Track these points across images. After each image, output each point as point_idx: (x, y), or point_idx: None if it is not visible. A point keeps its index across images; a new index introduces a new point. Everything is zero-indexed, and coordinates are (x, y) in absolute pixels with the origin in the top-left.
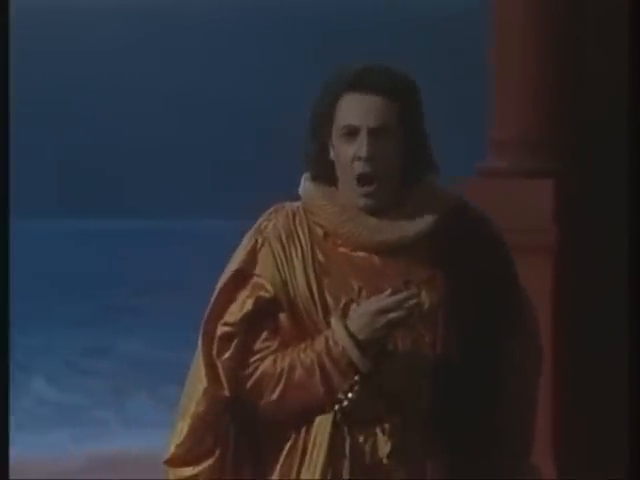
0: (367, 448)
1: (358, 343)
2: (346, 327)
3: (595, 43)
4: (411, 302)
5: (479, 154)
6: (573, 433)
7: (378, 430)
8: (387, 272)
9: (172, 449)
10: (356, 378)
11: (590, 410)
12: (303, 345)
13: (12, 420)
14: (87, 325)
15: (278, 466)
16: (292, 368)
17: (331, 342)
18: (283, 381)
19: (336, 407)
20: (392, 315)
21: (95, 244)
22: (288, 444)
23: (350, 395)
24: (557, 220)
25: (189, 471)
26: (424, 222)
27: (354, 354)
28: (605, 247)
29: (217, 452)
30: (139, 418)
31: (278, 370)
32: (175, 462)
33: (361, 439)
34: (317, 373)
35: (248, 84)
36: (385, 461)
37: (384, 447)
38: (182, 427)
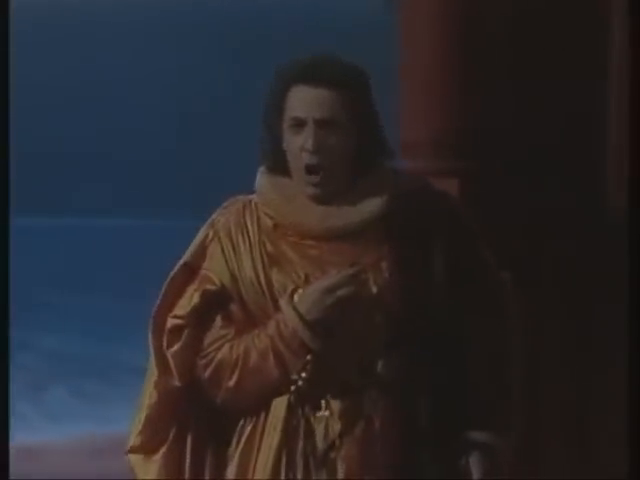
0: (320, 429)
1: (307, 323)
2: (295, 308)
3: (505, 43)
4: (358, 278)
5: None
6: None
7: (329, 412)
8: (335, 259)
9: (132, 438)
10: (308, 357)
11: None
12: (257, 330)
13: None
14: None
15: (239, 450)
16: (247, 353)
17: (282, 325)
18: (239, 367)
19: (292, 388)
20: (340, 292)
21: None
22: (248, 428)
23: (304, 374)
24: None
25: (149, 459)
26: (371, 207)
27: (304, 334)
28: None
29: (174, 440)
30: (58, 411)
31: (234, 357)
32: (136, 450)
33: (313, 420)
34: (271, 356)
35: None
36: (337, 442)
37: (335, 427)
38: (140, 417)
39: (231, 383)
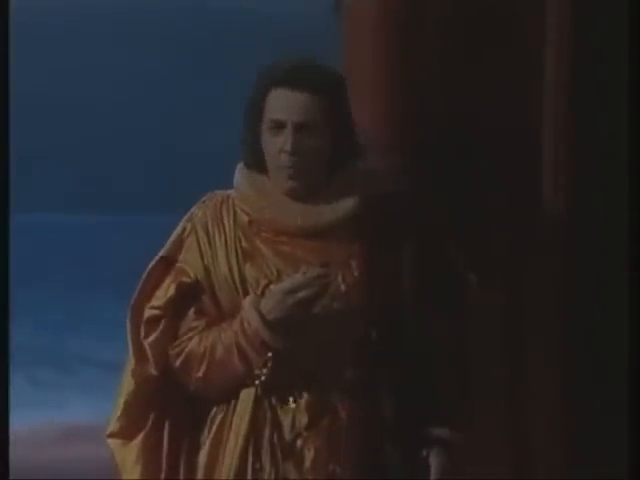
0: (287, 421)
1: (268, 323)
2: (256, 308)
3: (450, 43)
4: (321, 280)
5: None
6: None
7: (295, 405)
8: (307, 255)
9: (112, 424)
10: (269, 355)
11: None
12: (224, 325)
13: None
14: None
15: (210, 437)
16: (213, 347)
17: (245, 323)
18: (206, 359)
19: (256, 382)
20: (301, 294)
21: None
22: (220, 416)
23: (265, 371)
24: None
25: (127, 443)
26: (344, 207)
27: (264, 334)
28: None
29: (152, 426)
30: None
31: (202, 349)
32: (115, 435)
33: (280, 412)
34: (235, 351)
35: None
36: (304, 433)
37: (302, 419)
38: (119, 403)
39: (199, 374)
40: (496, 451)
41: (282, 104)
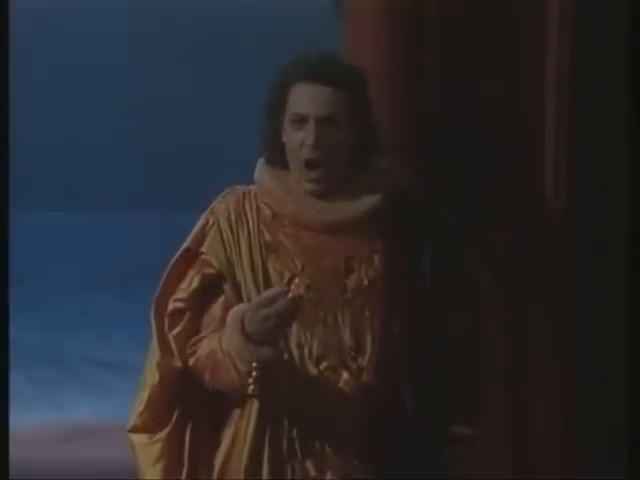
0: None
1: (246, 334)
2: (236, 315)
3: (450, 44)
4: (282, 299)
5: None
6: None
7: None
8: (330, 251)
9: (134, 418)
10: (254, 364)
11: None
12: (223, 330)
13: None
14: None
15: (227, 438)
16: (214, 351)
17: (227, 330)
18: (210, 363)
19: (248, 393)
20: (265, 310)
21: None
22: (237, 416)
23: (250, 380)
24: None
25: (150, 438)
26: (366, 204)
27: (240, 343)
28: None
29: (174, 420)
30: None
31: (206, 353)
32: (137, 429)
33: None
34: (228, 356)
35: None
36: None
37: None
38: (142, 397)
39: (207, 376)
40: (496, 451)
41: (305, 98)
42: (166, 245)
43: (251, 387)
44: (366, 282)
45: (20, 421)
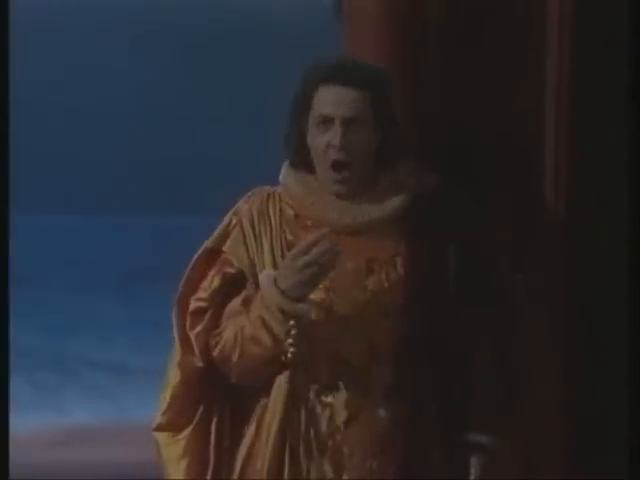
0: (324, 416)
1: (282, 290)
2: (270, 278)
3: (451, 46)
4: (327, 244)
5: None
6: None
7: (334, 398)
8: (353, 251)
9: (158, 417)
10: (291, 323)
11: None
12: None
13: None
14: None
15: (250, 431)
16: (242, 327)
17: (263, 294)
18: (239, 341)
19: (285, 357)
20: (305, 258)
21: None
22: (259, 411)
23: (290, 341)
24: None
25: (173, 436)
26: (390, 206)
27: (279, 300)
28: None
29: (198, 417)
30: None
31: (233, 333)
32: (161, 429)
33: (317, 407)
34: (260, 324)
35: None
36: (342, 429)
37: (341, 415)
38: (165, 396)
39: (235, 357)
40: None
41: (330, 100)
42: (167, 248)
43: (291, 350)
44: (386, 284)
45: (20, 423)
